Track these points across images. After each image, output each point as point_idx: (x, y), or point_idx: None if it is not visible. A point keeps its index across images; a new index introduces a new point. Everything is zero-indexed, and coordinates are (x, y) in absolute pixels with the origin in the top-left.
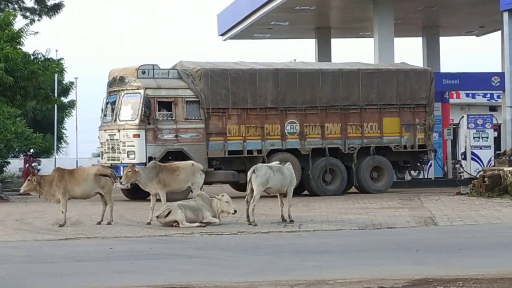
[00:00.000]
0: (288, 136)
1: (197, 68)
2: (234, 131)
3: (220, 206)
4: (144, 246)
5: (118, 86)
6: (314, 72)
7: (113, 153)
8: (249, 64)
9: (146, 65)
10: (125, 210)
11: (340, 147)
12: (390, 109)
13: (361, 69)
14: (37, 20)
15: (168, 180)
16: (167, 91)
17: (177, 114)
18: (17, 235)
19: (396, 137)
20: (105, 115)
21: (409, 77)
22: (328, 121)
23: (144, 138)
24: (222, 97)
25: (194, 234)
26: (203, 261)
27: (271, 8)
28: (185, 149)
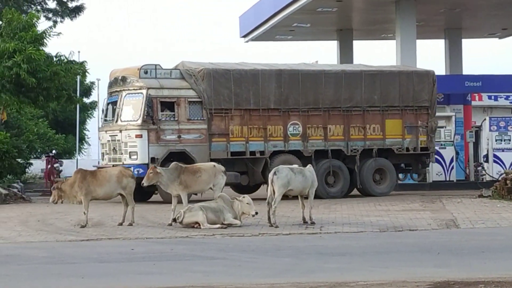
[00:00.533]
0: (290, 138)
1: (200, 68)
2: (236, 132)
3: (241, 208)
4: (165, 247)
5: (120, 86)
6: (317, 73)
7: (114, 154)
8: (252, 64)
9: (148, 65)
10: (147, 211)
11: (342, 149)
12: (392, 111)
13: (363, 70)
14: (60, 21)
15: (189, 182)
16: (169, 91)
17: (180, 115)
18: (39, 236)
19: (398, 139)
20: (106, 116)
21: (412, 79)
22: (330, 123)
23: (146, 139)
24: (225, 97)
25: (215, 235)
26: (224, 263)
27: (293, 10)
28: (187, 149)
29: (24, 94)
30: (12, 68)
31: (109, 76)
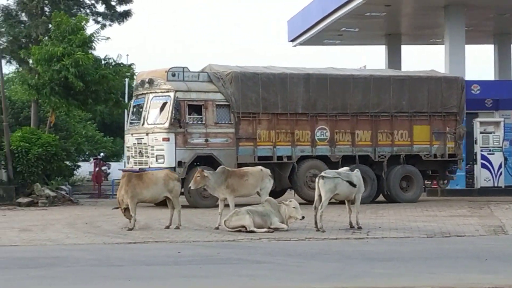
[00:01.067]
0: (318, 143)
1: (228, 72)
2: (264, 136)
3: (288, 212)
4: (212, 250)
5: (147, 89)
6: (345, 77)
7: (140, 158)
8: (280, 68)
9: (176, 67)
10: (193, 214)
11: (370, 154)
12: (420, 117)
13: (392, 75)
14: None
15: (236, 185)
16: (197, 94)
17: (207, 118)
18: (86, 238)
19: (426, 145)
20: (132, 119)
21: (440, 84)
22: (358, 128)
23: (173, 142)
24: (253, 101)
25: (261, 239)
26: (271, 267)
27: (342, 14)
28: (214, 153)
29: (72, 97)
30: (61, 71)
31: (135, 78)
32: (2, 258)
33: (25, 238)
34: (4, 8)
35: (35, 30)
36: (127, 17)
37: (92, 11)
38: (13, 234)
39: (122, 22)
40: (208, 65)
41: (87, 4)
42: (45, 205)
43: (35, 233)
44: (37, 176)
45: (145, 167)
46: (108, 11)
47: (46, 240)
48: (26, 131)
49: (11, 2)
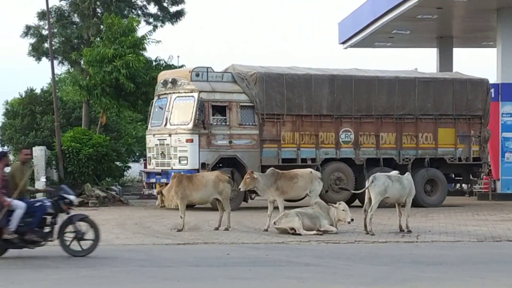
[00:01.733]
0: (342, 145)
1: (252, 72)
2: (288, 138)
3: (337, 215)
4: (261, 252)
5: (170, 89)
6: (370, 79)
7: (162, 159)
8: (304, 69)
9: (200, 67)
10: (243, 216)
11: (394, 157)
12: (445, 120)
13: (417, 77)
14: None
15: (286, 188)
16: (221, 95)
17: (231, 119)
18: (136, 239)
19: (451, 149)
20: (154, 119)
21: (465, 87)
22: (383, 131)
23: (197, 143)
24: (277, 102)
25: (311, 242)
26: (319, 269)
27: (393, 16)
28: (238, 155)
29: (123, 98)
30: (112, 73)
31: (157, 78)
32: (54, 258)
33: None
34: (57, 9)
35: (87, 31)
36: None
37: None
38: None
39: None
40: (231, 65)
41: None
42: (95, 206)
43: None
44: (87, 176)
45: (167, 169)
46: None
47: None
48: (77, 131)
49: (64, 3)
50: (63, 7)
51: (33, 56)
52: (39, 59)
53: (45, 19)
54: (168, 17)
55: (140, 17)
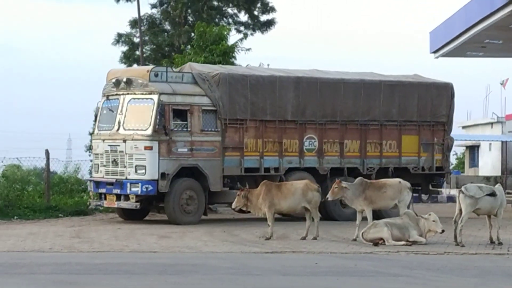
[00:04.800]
0: (306, 153)
1: (215, 73)
2: (251, 146)
3: (427, 225)
4: (349, 262)
5: (123, 89)
6: (335, 82)
7: (114, 167)
8: (268, 70)
9: (159, 67)
10: (331, 225)
11: (358, 167)
12: (409, 126)
13: (382, 80)
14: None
15: (374, 197)
16: (183, 98)
17: (193, 125)
18: (224, 247)
19: (414, 157)
20: (101, 122)
21: (430, 91)
22: (347, 138)
23: (157, 151)
24: (241, 106)
25: (399, 252)
26: (408, 280)
27: (485, 26)
28: (200, 165)
29: None
30: None
31: (106, 76)
32: (141, 264)
33: (164, 244)
34: (149, 17)
35: (178, 39)
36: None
37: (234, 21)
38: (152, 241)
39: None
40: (187, 65)
41: (229, 13)
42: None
43: (174, 240)
44: None
45: (122, 178)
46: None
47: (184, 247)
48: None
49: (155, 11)
50: (154, 15)
51: (124, 63)
52: (130, 67)
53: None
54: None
55: (230, 25)
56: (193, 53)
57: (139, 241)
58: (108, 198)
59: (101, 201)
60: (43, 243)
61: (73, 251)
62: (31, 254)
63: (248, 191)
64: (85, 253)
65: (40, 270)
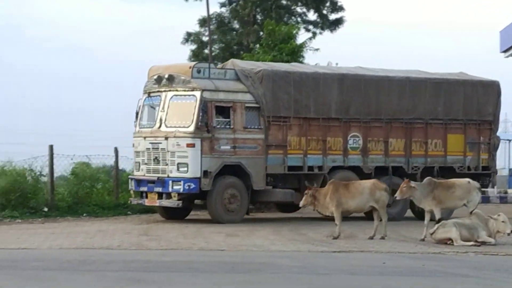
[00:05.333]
0: (350, 152)
1: (258, 69)
2: (294, 144)
3: (496, 226)
4: (417, 262)
5: (164, 86)
6: (380, 79)
7: (156, 165)
8: (312, 67)
9: (201, 63)
10: (398, 225)
11: (403, 166)
12: (455, 125)
13: (428, 78)
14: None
15: (443, 197)
16: (225, 95)
17: (236, 122)
18: (292, 245)
19: (460, 156)
20: (142, 120)
21: (476, 89)
22: (392, 136)
23: (199, 149)
24: (284, 103)
25: (468, 253)
26: (477, 281)
27: None
28: (243, 162)
29: None
30: None
31: (147, 72)
32: (209, 262)
33: (231, 243)
34: (217, 15)
35: (247, 38)
36: (339, 25)
37: (303, 19)
38: (220, 239)
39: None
40: (230, 61)
41: (298, 12)
42: (251, 211)
43: (241, 238)
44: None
45: (163, 176)
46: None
47: (251, 246)
48: None
49: (224, 10)
50: (223, 14)
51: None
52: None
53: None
54: (328, 25)
55: (299, 24)
56: (262, 52)
57: (206, 239)
58: (149, 196)
59: (142, 199)
60: (111, 240)
61: (141, 249)
62: (99, 251)
63: (316, 189)
64: (153, 250)
65: (109, 267)
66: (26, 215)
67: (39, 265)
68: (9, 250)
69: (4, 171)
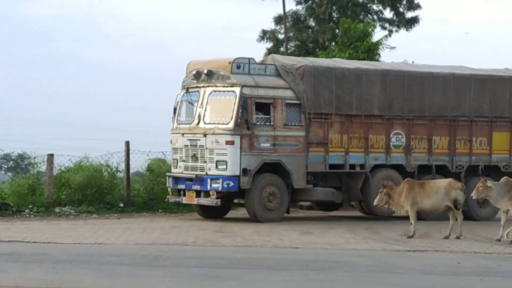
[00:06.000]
0: (392, 150)
1: (299, 65)
2: (336, 142)
3: None
4: (493, 263)
5: (203, 81)
6: (424, 75)
7: (194, 162)
8: (353, 63)
9: (241, 58)
10: (474, 225)
11: (447, 164)
12: (500, 123)
13: (473, 74)
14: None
15: None
16: (265, 91)
17: (276, 119)
18: (366, 244)
19: (505, 155)
20: (180, 116)
21: None
22: (435, 134)
23: (238, 146)
24: (326, 100)
25: None
26: None
27: None
28: (283, 160)
29: None
30: None
31: (186, 68)
32: (283, 260)
33: (306, 240)
34: (293, 13)
35: (322, 35)
36: (415, 24)
37: (379, 17)
38: (295, 237)
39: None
40: (270, 56)
41: (374, 10)
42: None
43: (316, 236)
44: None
45: (202, 174)
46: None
47: (326, 244)
48: None
49: (300, 7)
50: (299, 12)
51: None
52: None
53: (282, 23)
54: (404, 23)
55: (375, 22)
56: (337, 49)
57: (281, 236)
58: (187, 194)
59: (180, 197)
60: (186, 236)
61: (215, 245)
62: (174, 247)
63: (391, 188)
64: (228, 247)
65: (183, 263)
66: (102, 210)
67: (115, 260)
68: (86, 245)
69: (81, 167)
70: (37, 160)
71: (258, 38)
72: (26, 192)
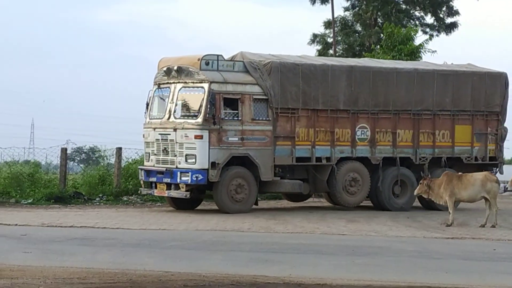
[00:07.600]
0: (358, 143)
1: (266, 61)
2: (303, 135)
3: None
4: None
5: (173, 77)
6: (388, 71)
7: (165, 156)
8: (319, 59)
9: (210, 55)
10: (509, 214)
11: (411, 156)
12: (463, 116)
13: (436, 70)
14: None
15: None
16: (233, 87)
17: (244, 114)
18: (408, 231)
19: (467, 147)
20: (152, 111)
21: (484, 81)
22: (400, 127)
23: (207, 140)
24: (292, 95)
25: None
26: None
27: None
28: (251, 154)
29: None
30: None
31: (158, 64)
32: (331, 246)
33: (352, 228)
34: (342, 19)
35: (368, 39)
36: (454, 29)
37: (420, 23)
38: (341, 224)
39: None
40: (239, 53)
41: (416, 16)
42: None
43: (361, 224)
44: None
45: (172, 167)
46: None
47: (370, 231)
48: None
49: (348, 13)
50: (347, 17)
51: None
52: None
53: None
54: (443, 28)
55: (417, 26)
56: (382, 52)
57: (329, 224)
58: (158, 187)
59: (151, 189)
60: (242, 223)
61: (269, 232)
62: (231, 233)
63: (430, 180)
64: (280, 233)
65: (239, 247)
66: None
67: (176, 244)
68: (151, 231)
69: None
70: (106, 153)
71: (309, 41)
72: (97, 182)
